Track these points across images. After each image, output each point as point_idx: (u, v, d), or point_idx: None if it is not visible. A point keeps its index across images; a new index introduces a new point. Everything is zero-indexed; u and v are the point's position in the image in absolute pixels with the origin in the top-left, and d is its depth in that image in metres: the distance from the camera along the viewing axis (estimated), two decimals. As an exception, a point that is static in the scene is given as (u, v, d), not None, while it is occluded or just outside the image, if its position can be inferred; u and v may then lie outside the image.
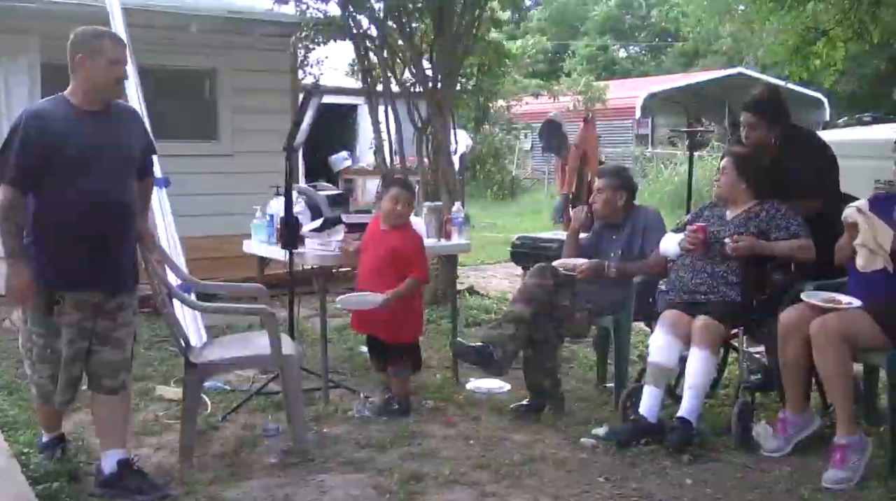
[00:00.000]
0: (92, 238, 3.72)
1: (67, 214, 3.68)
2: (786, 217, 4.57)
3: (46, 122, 3.64)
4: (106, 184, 3.75)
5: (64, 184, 3.65)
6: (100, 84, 3.74)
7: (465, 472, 4.10)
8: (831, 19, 8.21)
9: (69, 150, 3.65)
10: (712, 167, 16.90)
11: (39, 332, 3.77)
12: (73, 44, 3.74)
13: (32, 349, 3.80)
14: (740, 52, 30.15)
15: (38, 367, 3.81)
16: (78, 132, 3.69)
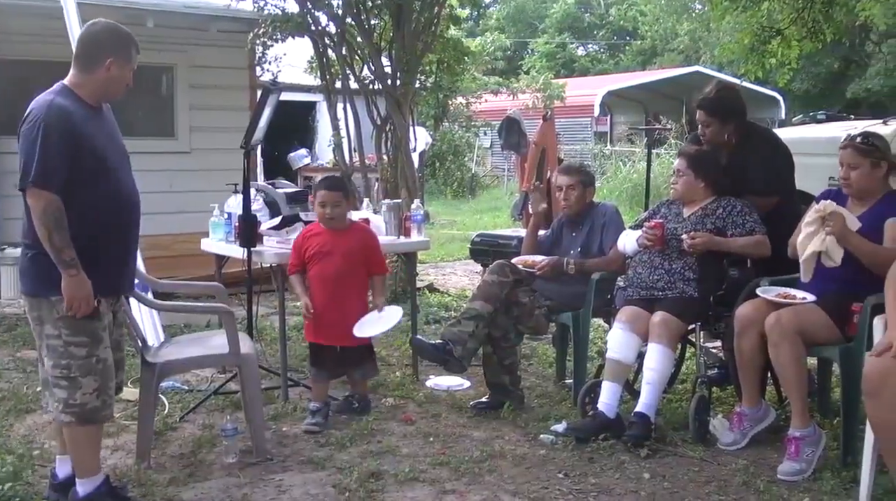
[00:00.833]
0: (123, 238, 3.63)
1: (102, 215, 3.49)
2: (742, 214, 4.62)
3: (74, 120, 3.42)
4: (127, 181, 3.65)
5: (95, 185, 3.46)
6: (116, 90, 3.61)
7: (425, 469, 4.10)
8: (786, 18, 8.32)
9: (96, 149, 3.48)
10: (670, 164, 17.02)
11: (82, 341, 3.47)
12: (102, 41, 3.56)
13: (71, 365, 3.46)
14: (697, 51, 30.47)
15: (83, 382, 3.47)
16: (96, 129, 3.54)
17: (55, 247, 3.33)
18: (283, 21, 8.15)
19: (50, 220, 3.32)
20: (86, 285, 3.39)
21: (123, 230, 3.62)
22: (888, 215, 4.12)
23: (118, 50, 3.56)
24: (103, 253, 3.52)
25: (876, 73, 25.13)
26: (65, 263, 3.35)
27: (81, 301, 3.39)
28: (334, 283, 4.75)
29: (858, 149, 4.19)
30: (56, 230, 3.32)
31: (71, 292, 3.38)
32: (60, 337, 3.47)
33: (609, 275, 5.01)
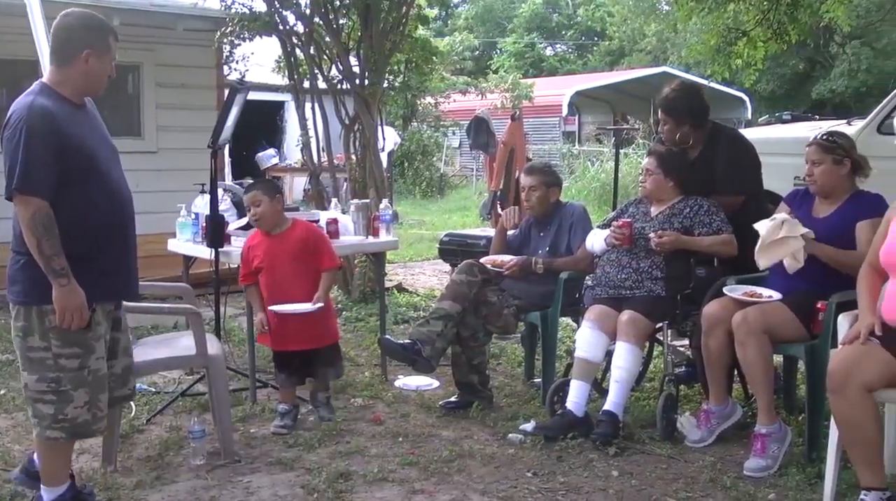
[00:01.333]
0: (119, 239, 3.48)
1: (94, 216, 3.36)
2: (709, 213, 4.66)
3: (57, 119, 3.27)
4: (119, 179, 3.50)
5: (85, 185, 3.33)
6: (97, 83, 3.46)
7: (394, 469, 4.09)
8: (751, 20, 8.40)
9: (84, 147, 3.34)
10: (638, 164, 17.15)
11: (74, 353, 3.34)
12: (76, 33, 3.39)
13: (62, 378, 3.33)
14: (665, 52, 30.67)
15: (74, 395, 3.34)
16: (82, 127, 3.39)
17: (45, 255, 3.20)
18: (250, 20, 8.10)
19: (38, 227, 3.18)
20: (78, 295, 3.26)
21: (118, 230, 3.47)
22: (857, 215, 4.17)
23: (94, 40, 3.40)
24: (98, 257, 3.38)
25: (840, 75, 25.44)
26: (55, 272, 3.22)
27: (74, 312, 3.26)
28: (288, 290, 4.66)
29: (821, 146, 4.25)
30: (45, 237, 3.19)
31: (63, 303, 3.25)
32: (50, 350, 3.33)
33: (577, 275, 5.03)
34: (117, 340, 3.62)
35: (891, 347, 3.46)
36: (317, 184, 8.26)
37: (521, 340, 5.93)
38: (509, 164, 10.69)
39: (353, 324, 7.12)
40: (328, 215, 5.49)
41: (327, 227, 5.25)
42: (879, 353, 3.46)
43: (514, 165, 10.49)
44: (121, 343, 3.64)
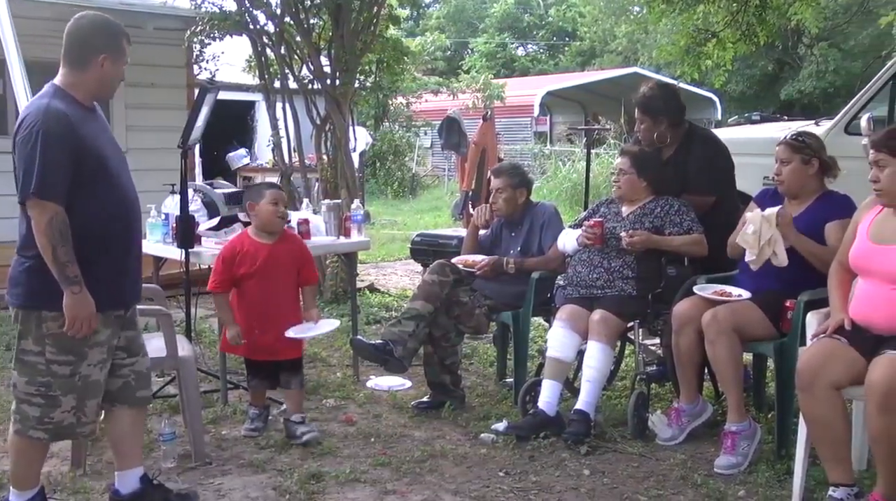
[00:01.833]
0: (129, 246, 3.42)
1: (106, 222, 3.31)
2: (680, 213, 4.69)
3: (72, 123, 3.21)
4: (129, 184, 3.44)
5: (97, 190, 3.27)
6: (110, 87, 3.45)
7: (366, 470, 4.09)
8: (721, 21, 8.47)
9: (96, 151, 3.29)
10: (609, 164, 17.24)
11: (67, 360, 3.29)
12: (92, 37, 3.36)
13: (52, 383, 3.29)
14: (635, 52, 30.85)
15: (63, 400, 3.31)
16: (94, 131, 3.34)
17: (59, 262, 3.14)
18: (220, 19, 8.06)
19: (54, 233, 3.13)
20: (89, 304, 3.21)
21: (128, 237, 3.42)
22: (825, 216, 4.21)
23: (111, 44, 3.37)
24: (108, 265, 3.33)
25: (808, 76, 25.70)
26: (68, 280, 3.16)
27: (84, 321, 3.21)
28: (272, 302, 4.46)
29: (790, 146, 4.29)
30: (61, 244, 3.14)
31: (74, 311, 3.19)
32: (43, 355, 3.28)
33: (549, 274, 5.05)
34: (133, 339, 3.56)
35: (858, 345, 3.50)
36: (288, 185, 8.22)
37: (493, 340, 5.94)
38: (481, 164, 10.68)
39: (326, 325, 7.08)
40: (299, 215, 5.46)
41: (299, 228, 5.22)
42: (847, 351, 3.50)
43: (485, 165, 10.48)
44: (138, 340, 3.59)
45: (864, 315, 3.57)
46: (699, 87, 20.57)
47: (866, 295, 3.59)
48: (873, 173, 3.57)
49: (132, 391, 3.54)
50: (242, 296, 4.49)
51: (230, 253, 4.49)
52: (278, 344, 4.43)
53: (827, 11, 17.35)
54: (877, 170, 3.56)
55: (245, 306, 4.49)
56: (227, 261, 4.47)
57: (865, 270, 3.62)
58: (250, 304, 4.47)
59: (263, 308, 4.45)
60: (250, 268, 4.44)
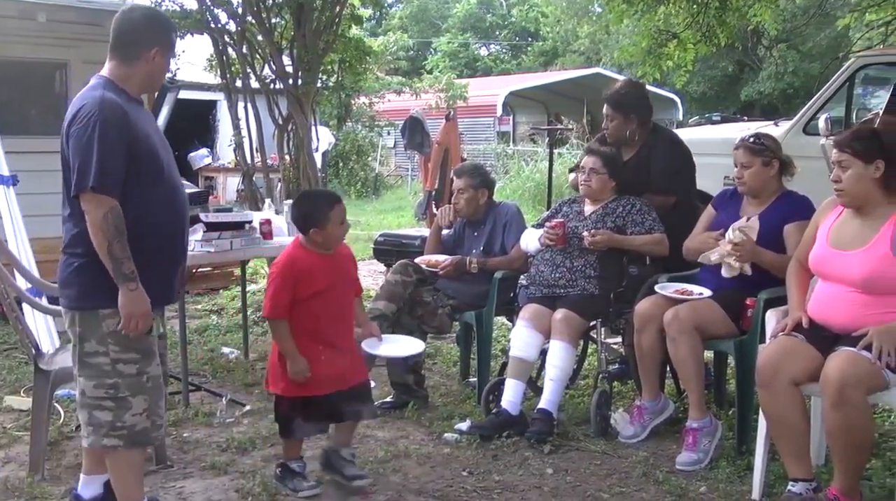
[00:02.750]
0: (178, 243, 3.37)
1: (159, 219, 3.24)
2: (641, 212, 4.72)
3: (126, 115, 3.14)
4: (177, 186, 3.36)
5: (152, 186, 3.21)
6: (158, 81, 3.41)
7: (330, 471, 4.07)
8: (681, 23, 8.54)
9: (150, 146, 3.22)
10: (571, 163, 17.30)
11: (132, 358, 3.19)
12: (144, 29, 3.29)
13: (119, 383, 3.17)
14: (598, 53, 31.02)
15: (133, 402, 3.19)
16: (146, 125, 3.28)
17: (115, 258, 3.06)
18: (181, 18, 8.00)
19: (111, 229, 3.04)
20: (145, 301, 3.13)
21: (178, 234, 3.36)
22: (784, 216, 4.26)
23: (162, 38, 3.32)
24: (159, 262, 3.25)
25: (768, 77, 26.00)
26: (124, 276, 3.07)
27: (140, 318, 3.12)
28: (339, 321, 3.84)
29: (750, 149, 4.33)
30: (117, 239, 3.05)
31: (129, 308, 3.10)
32: (108, 355, 3.18)
33: (511, 274, 5.06)
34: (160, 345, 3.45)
35: (816, 343, 3.54)
36: (250, 185, 8.18)
37: (456, 340, 5.94)
38: (444, 164, 10.69)
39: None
40: (262, 216, 5.43)
41: (261, 228, 5.19)
42: (806, 349, 3.55)
43: (448, 165, 10.50)
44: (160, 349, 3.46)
45: (822, 314, 3.62)
46: (661, 88, 20.74)
47: (825, 296, 3.64)
48: (835, 173, 3.59)
49: None
50: (301, 320, 3.73)
51: (290, 273, 3.74)
52: (347, 370, 3.82)
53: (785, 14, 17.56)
54: (839, 170, 3.58)
55: (307, 331, 3.74)
56: (287, 282, 3.72)
57: (824, 274, 3.67)
58: (314, 328, 3.75)
59: (331, 329, 3.79)
60: (318, 286, 3.74)
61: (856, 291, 3.52)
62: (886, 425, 4.38)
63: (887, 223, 3.52)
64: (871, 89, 9.38)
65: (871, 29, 8.84)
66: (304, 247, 3.82)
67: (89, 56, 8.34)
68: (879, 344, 3.34)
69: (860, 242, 3.55)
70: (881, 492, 3.72)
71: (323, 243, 3.77)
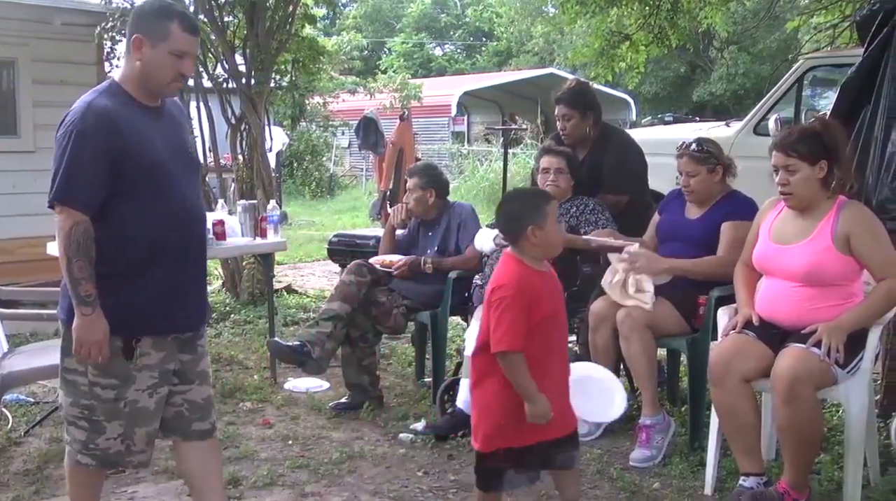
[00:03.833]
0: (177, 263, 3.03)
1: (147, 235, 2.94)
2: (595, 212, 4.75)
3: (115, 122, 2.88)
4: (186, 193, 3.05)
5: (141, 198, 2.93)
6: (157, 78, 2.97)
7: (284, 473, 4.05)
8: (633, 24, 8.61)
9: (145, 158, 2.92)
10: (526, 163, 17.39)
11: (109, 383, 2.97)
12: (133, 18, 3.02)
13: (95, 406, 2.99)
14: (552, 53, 31.19)
15: (107, 427, 3.00)
16: (146, 133, 2.95)
17: (73, 277, 2.85)
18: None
19: (72, 245, 2.83)
20: (99, 329, 2.88)
21: (177, 253, 3.02)
22: (727, 216, 4.31)
23: (147, 25, 2.95)
24: (156, 281, 2.97)
25: (719, 78, 26.30)
26: (80, 299, 2.86)
27: (92, 347, 2.89)
28: (562, 353, 3.24)
29: (694, 158, 4.37)
30: (76, 258, 2.83)
31: (80, 334, 2.88)
32: (86, 375, 2.99)
33: (466, 274, 5.06)
34: (189, 365, 3.16)
35: (766, 340, 3.60)
36: (203, 185, 8.09)
37: (411, 340, 5.94)
38: (398, 164, 10.70)
39: (242, 327, 7.01)
40: (215, 216, 5.38)
41: (214, 229, 5.15)
42: (756, 346, 3.60)
43: (403, 165, 10.50)
44: (198, 368, 3.19)
45: (770, 311, 3.67)
46: (614, 89, 20.91)
47: (771, 293, 3.69)
48: (782, 176, 3.60)
49: (186, 422, 3.17)
50: (528, 351, 3.04)
51: (525, 292, 3.06)
52: (567, 411, 3.22)
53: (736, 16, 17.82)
54: (786, 173, 3.59)
55: (534, 365, 3.06)
56: (522, 304, 3.04)
57: (769, 270, 3.73)
58: (540, 361, 3.08)
59: (556, 362, 3.18)
60: (545, 310, 3.10)
61: (800, 286, 3.58)
62: (835, 420, 4.45)
63: (827, 216, 3.58)
64: (819, 90, 9.54)
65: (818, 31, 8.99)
66: (519, 261, 3.14)
67: (38, 54, 8.23)
68: (828, 341, 3.41)
69: (801, 236, 3.61)
70: (829, 486, 3.79)
71: (541, 246, 3.13)
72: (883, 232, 3.59)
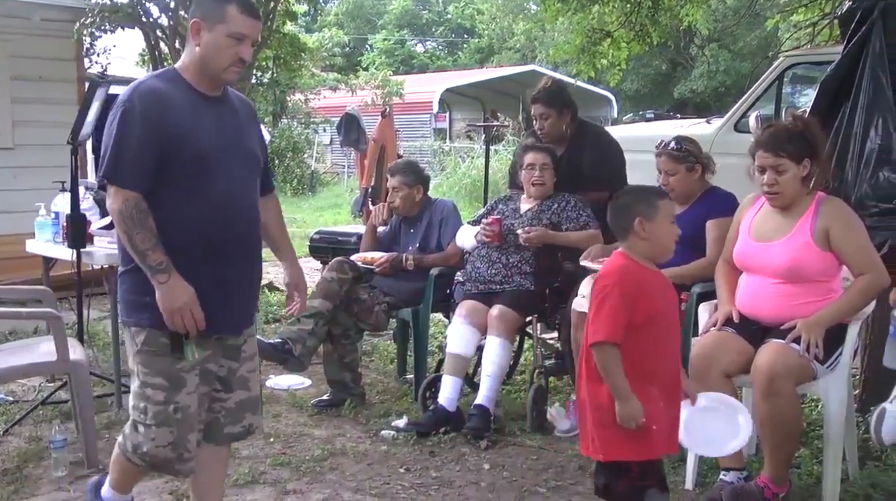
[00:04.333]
0: (226, 260, 2.93)
1: (190, 228, 2.85)
2: (576, 208, 4.77)
3: (166, 108, 2.81)
4: (234, 188, 2.93)
5: (185, 190, 2.84)
6: (215, 63, 2.86)
7: (265, 471, 4.04)
8: (615, 21, 8.62)
9: (192, 146, 2.82)
10: (508, 160, 17.38)
11: (159, 384, 2.88)
12: (193, 3, 2.95)
13: (147, 409, 2.90)
14: (533, 50, 31.23)
15: (157, 433, 2.90)
16: (200, 122, 2.86)
17: (138, 250, 2.77)
18: (111, 11, 7.84)
19: (127, 220, 2.77)
20: (184, 291, 2.79)
21: (219, 249, 2.91)
22: (708, 213, 4.33)
23: (205, 8, 2.87)
24: (196, 276, 2.85)
25: (700, 75, 26.43)
26: (152, 268, 2.78)
27: (181, 312, 2.79)
28: (675, 362, 3.03)
29: (673, 157, 4.39)
30: (136, 230, 2.76)
31: (165, 303, 2.78)
32: (138, 376, 2.92)
33: (447, 271, 5.07)
34: (234, 370, 3.08)
35: (747, 335, 3.62)
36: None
37: (392, 337, 5.94)
38: (380, 161, 10.66)
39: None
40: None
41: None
42: (737, 341, 3.62)
43: (385, 162, 10.48)
44: (238, 373, 3.09)
45: (751, 308, 3.70)
46: (595, 86, 20.93)
47: (752, 290, 3.72)
48: (769, 177, 3.60)
49: (219, 428, 3.10)
50: (631, 352, 2.88)
51: (630, 286, 2.91)
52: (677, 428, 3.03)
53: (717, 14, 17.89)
54: (774, 173, 3.59)
55: (639, 367, 2.89)
56: (627, 297, 2.88)
57: (749, 267, 3.75)
58: (646, 364, 2.91)
59: (667, 370, 2.99)
60: (655, 307, 2.93)
61: (780, 282, 3.60)
62: (814, 415, 4.48)
63: (806, 213, 3.61)
64: (799, 87, 9.60)
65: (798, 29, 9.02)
66: (629, 258, 2.99)
67: (17, 50, 8.18)
68: (807, 337, 3.43)
69: (781, 233, 3.64)
70: (809, 480, 3.82)
71: (650, 242, 2.96)
72: (861, 227, 3.62)
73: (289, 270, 3.40)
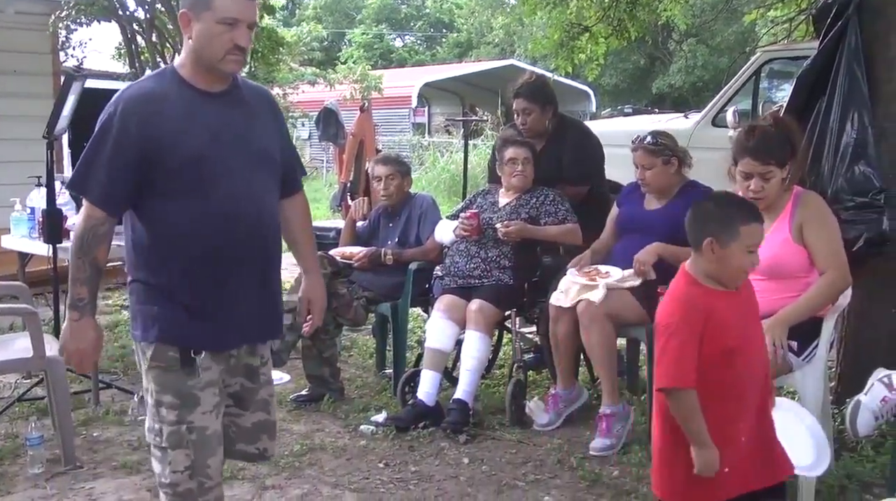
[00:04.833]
0: (232, 272, 2.70)
1: (192, 238, 2.64)
2: (554, 203, 4.77)
3: (152, 110, 2.60)
4: (239, 192, 2.68)
5: (183, 196, 2.63)
6: (208, 53, 2.62)
7: (244, 467, 4.01)
8: (593, 16, 8.63)
9: (180, 152, 2.60)
10: (486, 155, 17.40)
11: (171, 403, 2.67)
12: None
13: (162, 430, 2.69)
14: (512, 45, 31.25)
15: (172, 456, 2.68)
16: (192, 122, 2.64)
17: (70, 275, 2.62)
18: (87, 4, 7.79)
19: (78, 240, 2.61)
20: (84, 336, 2.65)
21: (234, 259, 2.69)
22: (688, 207, 4.32)
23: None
24: (198, 290, 2.67)
25: (678, 70, 26.53)
26: (72, 300, 2.63)
27: (74, 355, 2.68)
28: (752, 388, 2.63)
29: (649, 151, 4.40)
30: (78, 255, 2.61)
31: (66, 340, 2.67)
32: (152, 394, 2.72)
33: (426, 265, 5.07)
34: (252, 391, 2.89)
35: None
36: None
37: (371, 331, 5.93)
38: (359, 156, 10.66)
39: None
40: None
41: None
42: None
43: (363, 157, 10.47)
44: (257, 395, 2.90)
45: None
46: (574, 80, 20.98)
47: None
48: (756, 184, 3.55)
49: (228, 443, 2.87)
50: (706, 389, 2.52)
51: (697, 318, 2.54)
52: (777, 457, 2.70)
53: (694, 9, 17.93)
54: (761, 180, 3.55)
55: (727, 404, 2.58)
56: (694, 332, 2.52)
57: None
58: (728, 400, 2.58)
59: (757, 397, 2.65)
60: (729, 340, 2.56)
61: (760, 279, 3.61)
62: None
63: (784, 210, 3.63)
64: (776, 82, 9.63)
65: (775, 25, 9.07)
66: (692, 279, 2.64)
67: (-10, 44, 8.10)
68: (772, 338, 3.43)
69: None
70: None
71: (716, 265, 2.59)
72: (834, 225, 3.64)
73: (306, 281, 3.19)
